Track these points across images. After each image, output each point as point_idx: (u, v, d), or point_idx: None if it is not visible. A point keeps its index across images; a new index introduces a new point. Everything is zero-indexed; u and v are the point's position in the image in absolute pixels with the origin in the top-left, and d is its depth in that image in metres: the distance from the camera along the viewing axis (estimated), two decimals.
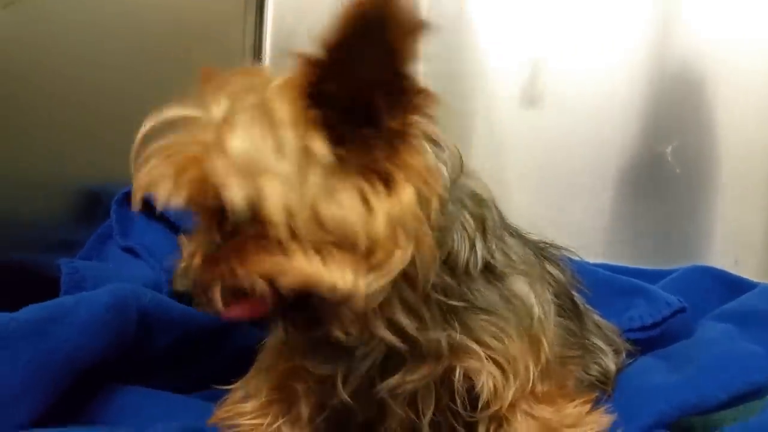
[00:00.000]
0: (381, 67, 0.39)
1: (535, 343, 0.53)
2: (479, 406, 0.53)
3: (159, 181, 0.42)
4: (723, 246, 0.96)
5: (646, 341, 0.76)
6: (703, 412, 0.62)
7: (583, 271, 0.78)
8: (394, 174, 0.41)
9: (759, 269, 0.94)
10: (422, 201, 0.42)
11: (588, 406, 0.56)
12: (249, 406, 0.56)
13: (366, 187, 0.41)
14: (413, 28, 0.37)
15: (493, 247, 0.52)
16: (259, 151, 0.40)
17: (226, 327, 0.75)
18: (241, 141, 0.40)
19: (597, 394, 0.63)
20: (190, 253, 0.46)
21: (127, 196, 0.86)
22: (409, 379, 0.51)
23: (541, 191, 1.03)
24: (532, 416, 0.54)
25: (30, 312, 0.60)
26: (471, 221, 0.50)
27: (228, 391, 0.61)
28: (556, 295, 0.59)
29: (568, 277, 0.65)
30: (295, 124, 0.40)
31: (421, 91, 0.41)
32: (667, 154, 0.97)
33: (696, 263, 0.92)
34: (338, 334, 0.46)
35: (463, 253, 0.49)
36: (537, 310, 0.52)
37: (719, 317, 0.75)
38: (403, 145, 0.42)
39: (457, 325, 0.50)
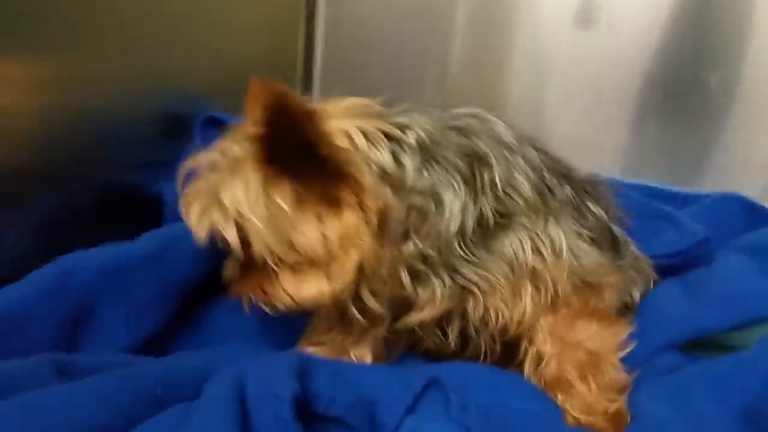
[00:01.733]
0: (300, 137, 0.52)
1: (535, 280, 0.62)
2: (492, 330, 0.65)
3: (188, 221, 0.60)
4: (754, 174, 1.02)
5: (668, 266, 0.85)
6: (710, 336, 0.74)
7: (620, 194, 0.85)
8: (340, 199, 0.56)
9: None
10: (363, 217, 0.56)
11: (608, 323, 0.66)
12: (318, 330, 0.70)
13: (321, 212, 0.56)
14: (307, 117, 0.52)
15: (487, 204, 0.60)
16: (241, 204, 0.55)
17: None
18: (229, 197, 0.56)
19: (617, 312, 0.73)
20: (228, 269, 0.64)
21: (209, 120, 0.95)
22: (418, 318, 0.62)
23: (586, 114, 1.08)
24: (553, 334, 0.64)
25: (148, 242, 0.72)
26: (461, 182, 0.59)
27: None
28: (592, 230, 0.66)
29: (611, 212, 0.72)
30: (263, 182, 0.55)
31: (339, 151, 0.54)
32: (711, 82, 1.00)
33: (728, 188, 0.99)
34: None
35: (455, 217, 0.59)
36: (522, 258, 0.61)
37: (738, 248, 0.83)
38: (344, 179, 0.55)
39: (448, 273, 0.60)
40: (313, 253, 0.57)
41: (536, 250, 0.62)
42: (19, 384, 0.48)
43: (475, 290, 0.61)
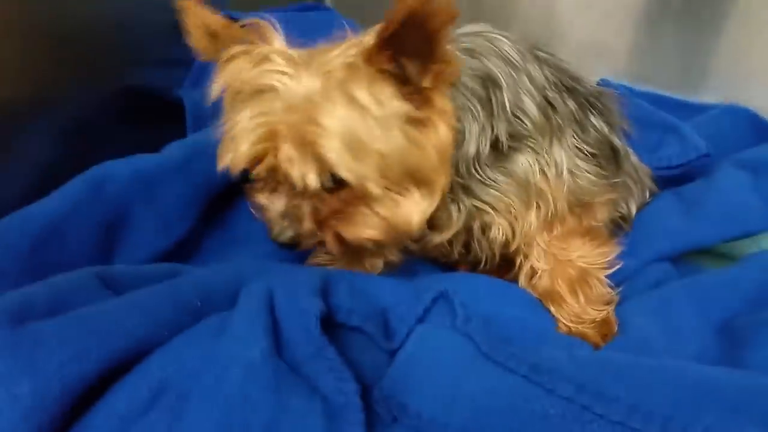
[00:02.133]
0: (422, 46, 0.52)
1: (538, 199, 0.66)
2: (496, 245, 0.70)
3: (261, 154, 0.56)
4: (761, 86, 1.02)
5: (669, 177, 0.89)
6: (700, 249, 0.79)
7: (628, 102, 0.87)
8: (432, 117, 0.56)
9: None
10: (450, 133, 0.57)
11: (599, 241, 0.70)
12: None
13: (428, 124, 0.56)
14: (447, 20, 0.50)
15: (501, 126, 0.62)
16: (357, 130, 0.53)
17: None
18: (339, 121, 0.53)
19: (611, 227, 0.78)
20: (292, 213, 0.59)
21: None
22: (437, 240, 0.67)
23: (599, 18, 1.05)
24: (545, 250, 0.69)
25: (175, 151, 0.76)
26: (479, 107, 0.62)
27: None
28: (593, 145, 0.69)
29: (615, 124, 0.74)
30: (376, 100, 0.54)
31: (450, 62, 0.54)
32: None
33: (737, 95, 1.00)
34: None
35: (474, 140, 0.62)
36: (532, 179, 0.65)
37: (738, 163, 0.86)
38: (435, 96, 0.56)
39: (465, 196, 0.65)
40: (421, 168, 0.57)
41: (542, 172, 0.66)
42: (69, 299, 0.53)
43: (489, 210, 0.66)
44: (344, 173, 0.54)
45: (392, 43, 0.52)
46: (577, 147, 0.68)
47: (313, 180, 0.55)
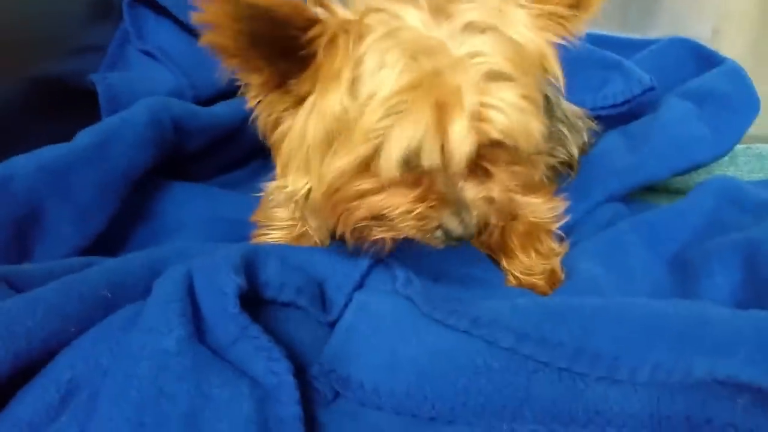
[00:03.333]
0: None
1: None
2: None
3: (444, 129, 0.45)
4: (704, 16, 0.99)
5: (616, 115, 0.86)
6: (649, 186, 0.77)
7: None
8: None
9: (732, 41, 0.99)
10: None
11: (546, 197, 0.68)
12: (280, 213, 0.67)
13: None
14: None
15: None
16: (529, 98, 0.47)
17: (243, 121, 0.86)
18: (524, 89, 0.47)
19: (557, 172, 0.76)
20: (465, 203, 0.49)
21: None
22: None
23: None
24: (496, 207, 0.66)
25: (85, 138, 0.70)
26: None
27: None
28: None
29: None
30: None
31: None
32: None
33: (679, 32, 0.97)
34: None
35: None
36: None
37: (683, 93, 0.83)
38: None
39: None
40: None
41: None
42: None
43: None
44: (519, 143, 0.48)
45: None
46: None
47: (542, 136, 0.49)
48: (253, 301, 0.53)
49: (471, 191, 0.49)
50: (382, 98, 0.45)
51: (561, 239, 0.69)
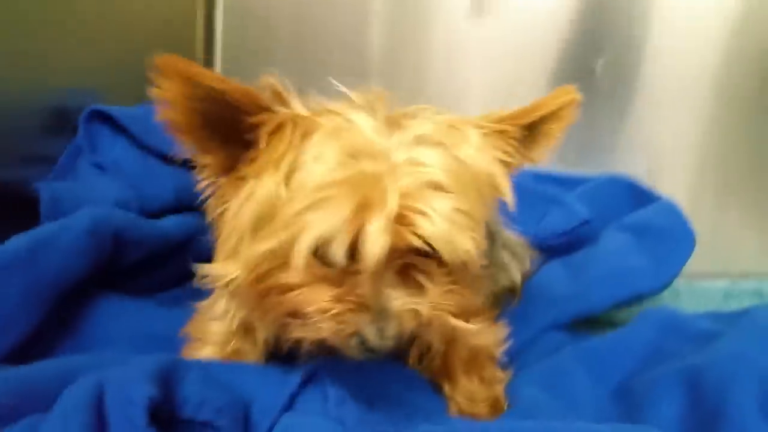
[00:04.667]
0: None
1: None
2: None
3: (375, 237, 0.44)
4: (638, 155, 1.06)
5: (556, 246, 0.88)
6: (591, 316, 0.77)
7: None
8: None
9: (669, 175, 1.05)
10: None
11: (489, 322, 0.66)
12: (216, 327, 0.64)
13: None
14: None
15: None
16: (464, 212, 0.47)
17: (189, 236, 0.85)
18: (459, 202, 0.46)
19: (500, 298, 0.75)
20: (388, 313, 0.47)
21: (94, 114, 0.91)
22: None
23: (481, 100, 1.08)
24: (441, 330, 0.64)
25: (18, 242, 0.67)
26: None
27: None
28: None
29: None
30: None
31: None
32: (596, 68, 1.03)
33: (614, 170, 1.02)
34: None
35: None
36: None
37: (621, 227, 0.86)
38: None
39: None
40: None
41: None
42: None
43: None
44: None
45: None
46: None
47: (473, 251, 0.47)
48: (169, 421, 0.49)
49: (395, 301, 0.47)
50: (310, 188, 0.45)
51: (504, 366, 0.67)
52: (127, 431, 0.44)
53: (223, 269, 0.51)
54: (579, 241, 0.88)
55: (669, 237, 0.81)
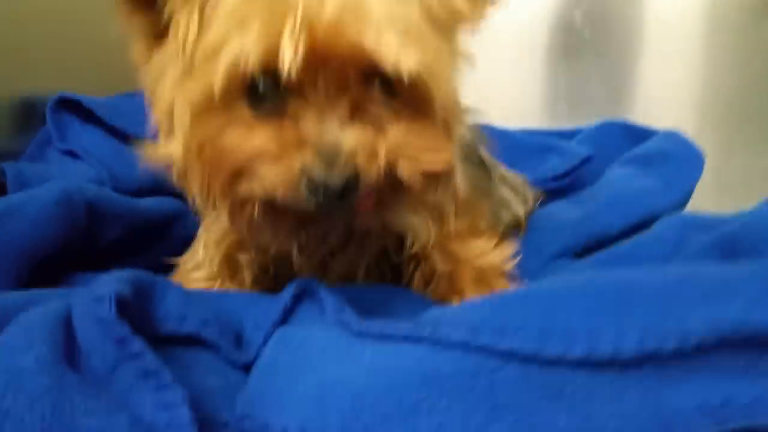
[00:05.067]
0: None
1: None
2: (404, 251, 0.60)
3: (289, 41, 0.39)
4: (633, 103, 1.03)
5: (559, 190, 0.84)
6: (604, 240, 0.71)
7: (500, 135, 0.84)
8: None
9: (665, 121, 1.01)
10: None
11: (494, 240, 0.62)
12: (199, 274, 0.61)
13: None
14: None
15: None
16: (416, 22, 0.42)
17: (168, 217, 0.80)
18: (399, 6, 0.41)
19: (505, 234, 0.70)
20: (339, 142, 0.41)
21: (60, 101, 0.87)
22: (359, 253, 0.57)
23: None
24: (444, 251, 0.60)
25: None
26: None
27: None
28: (463, 150, 0.64)
29: (476, 136, 0.70)
30: None
31: None
32: (575, 18, 1.01)
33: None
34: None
35: None
36: None
37: (623, 162, 0.83)
38: None
39: None
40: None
41: None
42: None
43: None
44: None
45: None
46: None
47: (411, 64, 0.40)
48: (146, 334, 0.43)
49: (341, 133, 0.41)
50: (223, 16, 0.41)
51: (516, 280, 0.61)
52: (95, 332, 0.38)
53: (165, 149, 0.46)
54: (581, 183, 0.83)
55: (675, 158, 0.77)
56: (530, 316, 0.37)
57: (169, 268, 0.82)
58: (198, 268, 0.62)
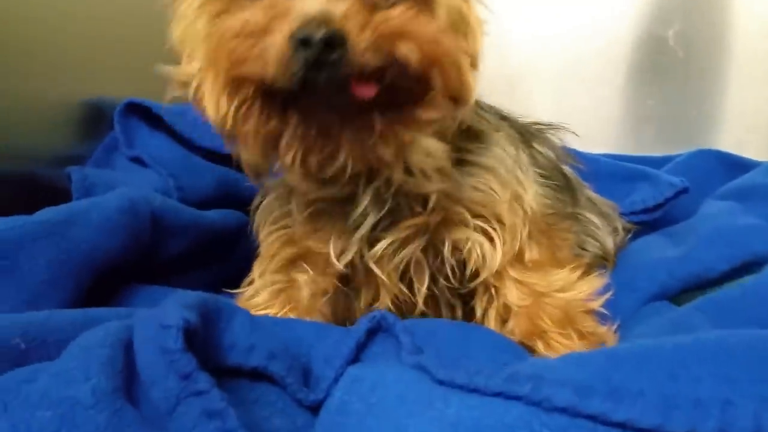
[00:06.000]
0: None
1: (518, 199, 0.55)
2: (467, 274, 0.56)
3: None
4: (724, 128, 0.95)
5: (650, 223, 0.77)
6: (704, 283, 0.64)
7: (585, 159, 0.79)
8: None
9: (761, 150, 0.94)
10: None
11: (579, 272, 0.58)
12: (259, 299, 0.59)
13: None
14: None
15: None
16: None
17: (233, 232, 0.78)
18: None
19: (591, 267, 0.64)
20: (327, 10, 0.41)
21: (129, 107, 0.86)
22: (395, 238, 0.54)
23: (543, 80, 1.01)
24: (521, 282, 0.56)
25: (45, 214, 0.61)
26: None
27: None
28: (543, 168, 0.61)
29: (559, 153, 0.66)
30: None
31: None
32: (668, 38, 0.95)
33: (699, 147, 0.92)
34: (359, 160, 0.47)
35: None
36: (514, 167, 0.55)
37: (721, 196, 0.76)
38: None
39: (451, 178, 0.53)
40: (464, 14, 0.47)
41: (518, 166, 0.57)
42: None
43: (465, 213, 0.54)
44: None
45: None
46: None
47: None
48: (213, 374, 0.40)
49: (331, 3, 0.41)
50: None
51: (607, 321, 0.55)
52: (158, 363, 0.35)
53: (185, 68, 0.50)
54: (674, 217, 0.77)
55: None
56: (651, 379, 0.32)
57: (231, 284, 0.80)
58: (257, 293, 0.60)
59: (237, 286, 0.76)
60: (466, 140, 0.54)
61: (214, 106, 0.46)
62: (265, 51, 0.42)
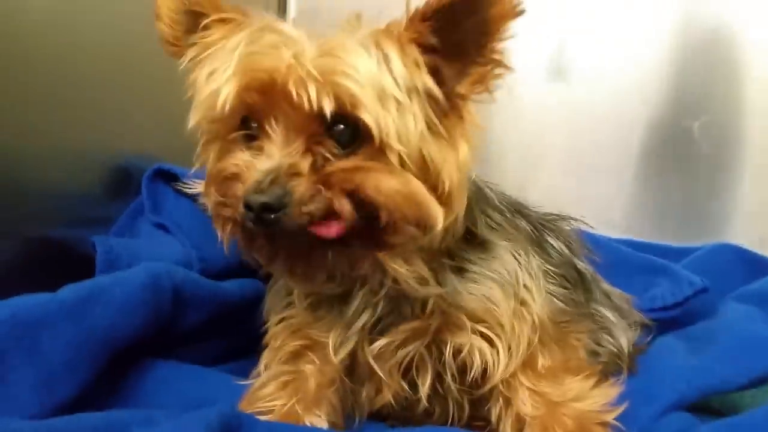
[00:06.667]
0: (474, 38, 0.46)
1: (525, 306, 0.55)
2: (470, 380, 0.56)
3: (263, 82, 0.46)
4: (747, 224, 0.95)
5: (667, 320, 0.76)
6: (723, 393, 0.64)
7: (604, 247, 0.78)
8: (453, 130, 0.48)
9: None
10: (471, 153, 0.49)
11: (593, 380, 0.57)
12: (266, 390, 0.59)
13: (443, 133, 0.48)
14: (510, 12, 0.45)
15: (475, 216, 0.56)
16: (381, 79, 0.46)
17: (250, 302, 0.78)
18: (364, 64, 0.45)
19: (606, 368, 0.64)
20: (278, 167, 0.46)
21: (157, 173, 0.88)
22: (394, 339, 0.54)
23: (565, 166, 1.02)
24: (534, 391, 0.55)
25: (69, 292, 0.61)
26: None
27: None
28: (557, 266, 0.61)
29: (575, 247, 0.66)
30: (405, 63, 0.47)
31: (498, 63, 0.47)
32: (693, 130, 0.95)
33: (720, 241, 0.91)
34: (351, 272, 0.51)
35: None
36: (521, 276, 0.55)
37: (741, 298, 0.75)
38: (464, 108, 0.49)
39: (448, 285, 0.54)
40: (436, 169, 0.48)
41: (526, 272, 0.57)
42: None
43: (464, 319, 0.54)
44: (367, 116, 0.45)
45: (439, 17, 0.47)
46: (543, 269, 0.59)
47: (327, 105, 0.44)
48: None
49: (282, 161, 0.46)
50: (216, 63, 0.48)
51: None
52: None
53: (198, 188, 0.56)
54: (692, 316, 0.76)
55: None
56: None
57: (243, 352, 0.80)
58: (265, 384, 0.60)
59: (250, 354, 0.77)
60: (468, 248, 0.55)
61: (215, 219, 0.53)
62: (235, 199, 0.48)
